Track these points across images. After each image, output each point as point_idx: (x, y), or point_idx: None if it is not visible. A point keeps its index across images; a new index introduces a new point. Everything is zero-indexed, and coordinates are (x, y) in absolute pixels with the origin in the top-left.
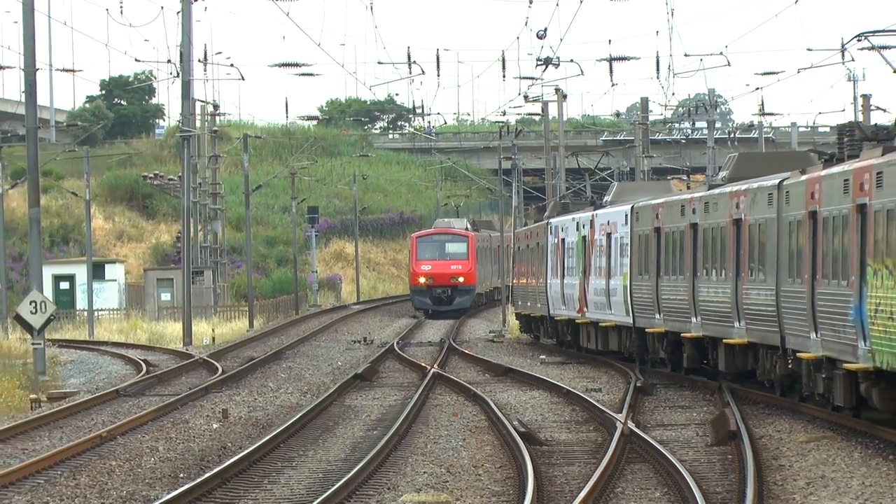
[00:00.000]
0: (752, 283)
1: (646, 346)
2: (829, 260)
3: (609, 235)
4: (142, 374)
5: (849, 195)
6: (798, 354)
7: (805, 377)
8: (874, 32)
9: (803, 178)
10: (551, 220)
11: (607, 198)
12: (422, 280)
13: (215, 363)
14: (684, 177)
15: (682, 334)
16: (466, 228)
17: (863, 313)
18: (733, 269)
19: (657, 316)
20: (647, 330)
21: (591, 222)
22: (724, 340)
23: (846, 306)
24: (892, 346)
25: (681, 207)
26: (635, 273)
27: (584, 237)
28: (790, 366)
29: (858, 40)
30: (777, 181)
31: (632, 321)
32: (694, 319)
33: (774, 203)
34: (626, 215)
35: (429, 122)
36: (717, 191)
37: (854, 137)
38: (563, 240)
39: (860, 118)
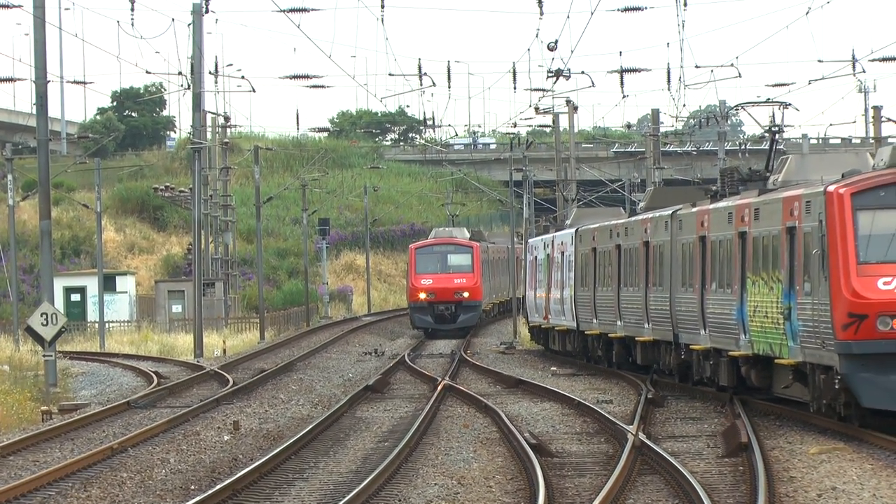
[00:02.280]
0: (654, 292)
1: (587, 346)
2: (717, 273)
3: (563, 254)
4: (153, 385)
5: (732, 224)
6: (691, 346)
7: (695, 365)
8: (751, 104)
9: (694, 209)
10: (530, 240)
11: (567, 221)
12: (422, 296)
13: (226, 375)
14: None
15: (609, 335)
16: (469, 238)
17: (744, 313)
18: (643, 282)
19: (594, 321)
20: (586, 332)
21: (553, 242)
22: (637, 338)
23: (730, 308)
24: (766, 337)
25: (609, 231)
26: (578, 285)
27: (548, 255)
28: (682, 356)
29: (735, 110)
30: (671, 212)
31: (576, 325)
32: (619, 322)
33: (669, 229)
34: (573, 237)
35: (473, 133)
36: (633, 218)
37: (734, 178)
38: (536, 257)
39: (871, 130)
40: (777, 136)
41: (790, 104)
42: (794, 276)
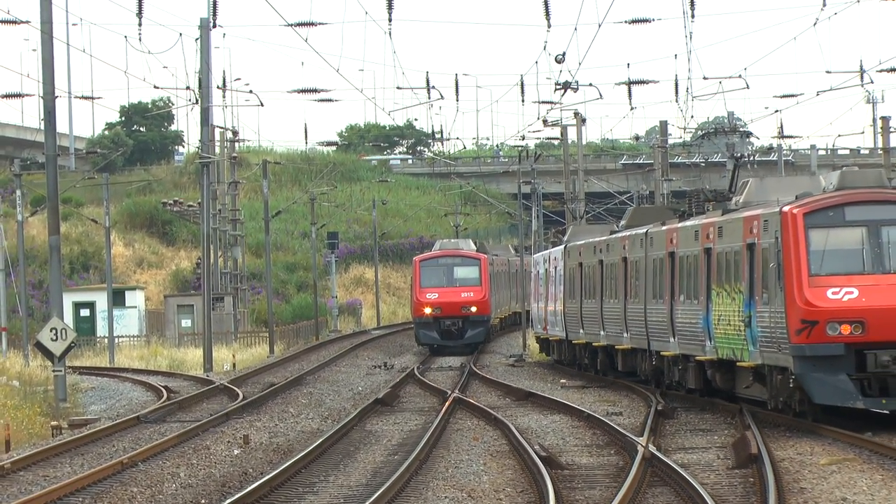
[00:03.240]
0: (632, 303)
1: (575, 354)
2: (685, 286)
3: (556, 269)
4: (162, 400)
5: (698, 241)
6: (661, 353)
7: (666, 370)
8: (717, 132)
9: (664, 228)
10: (534, 255)
11: (565, 238)
12: (427, 310)
13: (236, 389)
14: None
15: (594, 344)
16: (475, 250)
17: (709, 322)
18: (622, 294)
19: (581, 331)
20: (573, 342)
21: (549, 257)
22: (617, 347)
23: (697, 317)
24: (729, 342)
25: (594, 248)
26: (567, 297)
27: (546, 269)
28: (654, 363)
29: (706, 139)
30: (645, 230)
31: (565, 335)
32: (602, 332)
33: (644, 246)
34: (562, 253)
35: (496, 146)
36: (614, 236)
37: (699, 199)
38: (538, 271)
39: (879, 140)
40: (738, 161)
41: (752, 133)
42: (753, 288)
